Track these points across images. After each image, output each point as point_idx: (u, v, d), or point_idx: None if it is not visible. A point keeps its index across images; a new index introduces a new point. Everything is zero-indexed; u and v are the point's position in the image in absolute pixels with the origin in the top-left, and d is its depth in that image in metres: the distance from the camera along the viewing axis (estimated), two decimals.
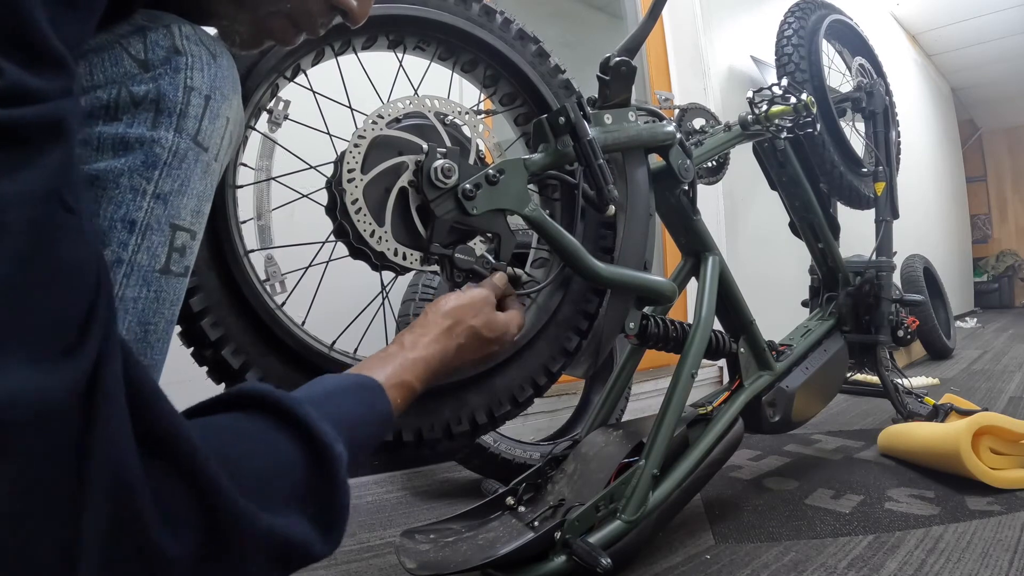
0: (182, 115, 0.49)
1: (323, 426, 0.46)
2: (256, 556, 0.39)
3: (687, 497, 1.07)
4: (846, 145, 1.77)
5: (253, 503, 0.39)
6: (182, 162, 0.49)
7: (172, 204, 0.49)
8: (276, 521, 0.40)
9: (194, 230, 0.52)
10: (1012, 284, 6.86)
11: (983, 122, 7.26)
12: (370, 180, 0.76)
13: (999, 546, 1.00)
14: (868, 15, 3.77)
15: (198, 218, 0.52)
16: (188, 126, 0.50)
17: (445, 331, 0.68)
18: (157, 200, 0.48)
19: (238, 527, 0.38)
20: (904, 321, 1.76)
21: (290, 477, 0.44)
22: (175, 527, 0.35)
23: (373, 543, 1.18)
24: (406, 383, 0.61)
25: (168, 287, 0.50)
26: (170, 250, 0.49)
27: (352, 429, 0.51)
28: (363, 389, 0.57)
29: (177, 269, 0.51)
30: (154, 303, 0.49)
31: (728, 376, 1.33)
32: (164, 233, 0.49)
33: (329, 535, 0.45)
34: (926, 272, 3.31)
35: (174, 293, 0.51)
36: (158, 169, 0.48)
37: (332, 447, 0.46)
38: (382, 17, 0.82)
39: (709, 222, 1.23)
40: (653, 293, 1.00)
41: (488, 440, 1.40)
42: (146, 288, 0.48)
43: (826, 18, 1.84)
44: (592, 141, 0.88)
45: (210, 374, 0.73)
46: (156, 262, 0.49)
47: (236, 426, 0.44)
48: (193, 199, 0.51)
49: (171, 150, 0.49)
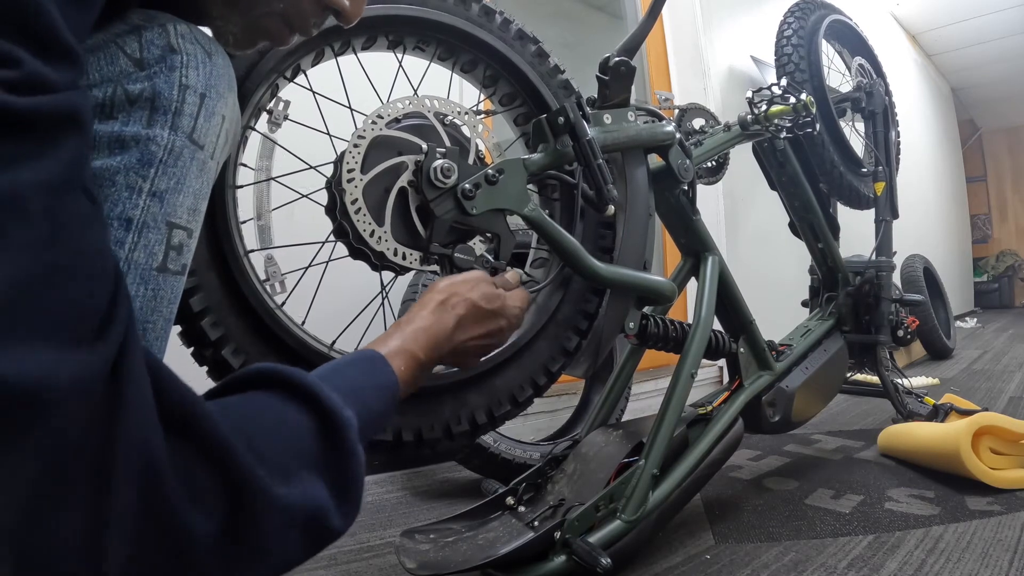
0: (177, 113, 0.49)
1: (330, 394, 0.47)
2: (278, 528, 0.40)
3: (687, 497, 1.07)
4: (846, 145, 1.77)
5: (272, 476, 0.40)
6: (178, 160, 0.49)
7: (168, 202, 0.49)
8: (293, 491, 0.41)
9: (191, 228, 0.52)
10: (1012, 284, 6.86)
11: (983, 122, 7.26)
12: (370, 180, 0.76)
13: (999, 546, 1.00)
14: (868, 15, 3.77)
15: (195, 216, 0.52)
16: (184, 124, 0.50)
17: (440, 304, 0.68)
18: (153, 198, 0.48)
19: (260, 501, 0.39)
20: (904, 321, 1.76)
21: (304, 445, 0.45)
22: (200, 504, 0.36)
23: (373, 543, 1.18)
24: (407, 350, 0.62)
25: (166, 285, 0.50)
26: (167, 248, 0.49)
27: (358, 396, 0.52)
28: (365, 360, 0.58)
29: (174, 267, 0.50)
30: (152, 301, 0.49)
31: (728, 376, 1.33)
32: (161, 231, 0.49)
33: (344, 504, 0.46)
34: (926, 272, 3.31)
35: (171, 291, 0.51)
36: (154, 167, 0.48)
37: (340, 412, 0.47)
38: (382, 17, 0.82)
39: (709, 222, 1.23)
40: (653, 293, 1.00)
41: (488, 440, 1.40)
42: (144, 286, 0.48)
43: (826, 18, 1.85)
44: (591, 141, 0.88)
45: (210, 374, 0.73)
46: (153, 260, 0.48)
47: (250, 403, 0.46)
48: (190, 197, 0.51)
49: (167, 148, 0.49)
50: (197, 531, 0.35)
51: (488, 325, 0.72)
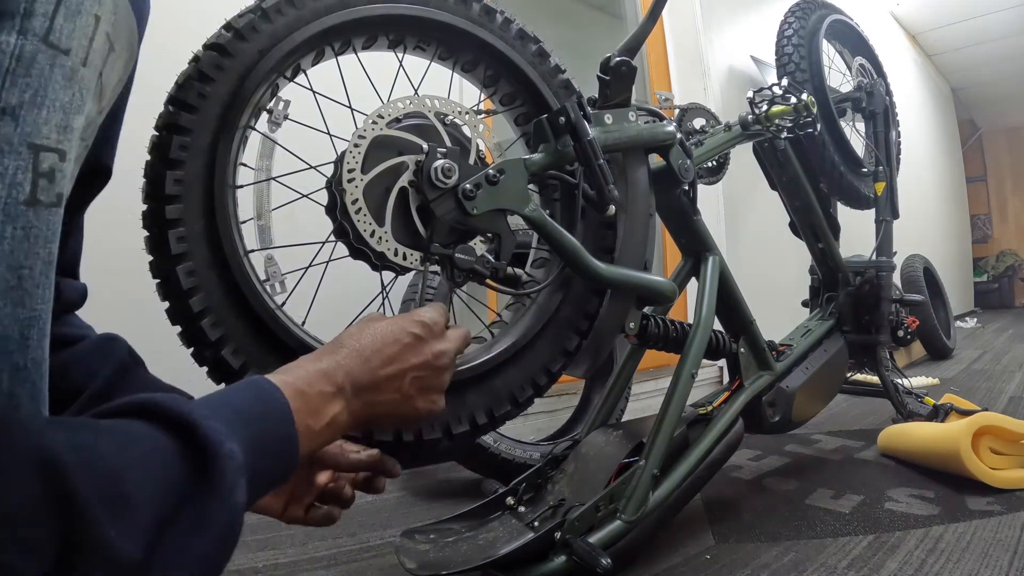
0: (27, 15, 0.41)
1: (211, 424, 0.42)
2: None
3: (687, 497, 1.07)
4: (846, 145, 1.77)
5: (122, 520, 0.35)
6: (30, 68, 0.41)
7: (26, 120, 0.41)
8: (142, 541, 0.36)
9: (62, 149, 0.43)
10: (1012, 284, 6.87)
11: (983, 122, 7.26)
12: (370, 180, 0.76)
13: (999, 546, 1.00)
14: (868, 15, 3.76)
15: (67, 134, 0.44)
16: (35, 26, 0.41)
17: (361, 325, 0.63)
18: (3, 115, 0.40)
19: (100, 553, 0.34)
20: (904, 321, 1.76)
21: (171, 483, 0.39)
22: (29, 547, 0.31)
23: (373, 543, 1.18)
24: (310, 373, 0.54)
25: (39, 221, 0.42)
26: (35, 176, 0.41)
27: (248, 426, 0.46)
28: (251, 386, 0.51)
29: (47, 199, 0.42)
30: (23, 242, 0.41)
31: (728, 376, 1.33)
32: (22, 156, 0.40)
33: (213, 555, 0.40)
34: (926, 272, 3.31)
35: (48, 228, 0.42)
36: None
37: (220, 445, 0.42)
38: (382, 17, 0.82)
39: (709, 222, 1.23)
40: (653, 293, 1.00)
41: (488, 440, 1.40)
42: (11, 225, 0.40)
43: (826, 18, 1.85)
44: (592, 141, 0.88)
45: (210, 374, 0.73)
46: (19, 192, 0.40)
47: (117, 433, 0.40)
48: (57, 112, 0.43)
49: (13, 55, 0.40)
50: (26, 572, 0.31)
51: (418, 349, 0.64)
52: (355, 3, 0.80)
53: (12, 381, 0.41)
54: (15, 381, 0.41)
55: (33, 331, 0.42)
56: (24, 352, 0.41)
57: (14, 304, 0.41)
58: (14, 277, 0.41)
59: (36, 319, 0.42)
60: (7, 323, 0.40)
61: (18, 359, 0.41)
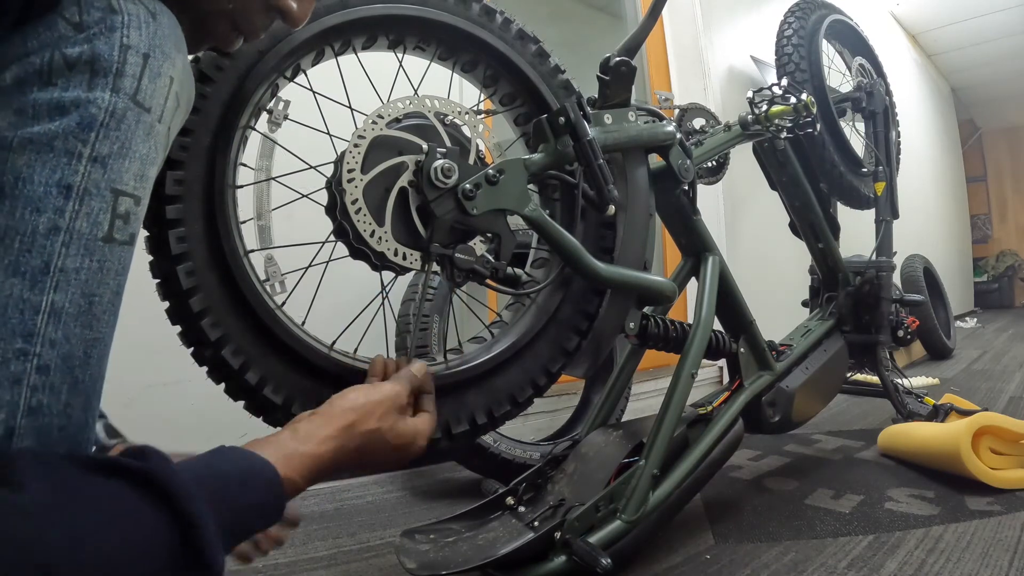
0: (119, 74, 0.47)
1: (187, 487, 0.43)
2: None
3: (687, 497, 1.07)
4: (846, 145, 1.77)
5: None
6: (120, 123, 0.47)
7: (112, 168, 0.47)
8: None
9: (138, 195, 0.49)
10: (1012, 284, 6.86)
11: (983, 122, 7.26)
12: (370, 180, 0.76)
13: (999, 546, 1.00)
14: (868, 15, 3.77)
15: (142, 183, 0.50)
16: (126, 85, 0.47)
17: (345, 428, 0.62)
18: (95, 163, 0.46)
19: None
20: (904, 321, 1.76)
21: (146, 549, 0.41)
22: None
23: (373, 543, 1.18)
24: (288, 480, 0.55)
25: (112, 256, 0.48)
26: (113, 217, 0.47)
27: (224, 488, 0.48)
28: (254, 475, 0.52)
29: (121, 237, 0.48)
30: (98, 273, 0.47)
31: (728, 376, 1.33)
32: (105, 199, 0.46)
33: None
34: (926, 272, 3.31)
35: (119, 262, 0.48)
36: (94, 130, 0.46)
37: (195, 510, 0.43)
38: (382, 17, 0.82)
39: (709, 222, 1.23)
40: (653, 293, 1.00)
41: (488, 440, 1.39)
42: (88, 258, 0.46)
43: (826, 18, 1.85)
44: (592, 141, 0.88)
45: (210, 374, 0.73)
46: (98, 230, 0.46)
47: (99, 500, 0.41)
48: (136, 162, 0.48)
49: (108, 110, 0.46)
50: None
51: (385, 457, 0.66)
52: (355, 3, 0.80)
53: (70, 392, 0.46)
54: (73, 393, 0.46)
55: (95, 351, 0.48)
56: (85, 368, 0.47)
57: (83, 326, 0.46)
58: (86, 303, 0.46)
59: (100, 341, 0.48)
60: (75, 342, 0.46)
61: (79, 374, 0.46)
